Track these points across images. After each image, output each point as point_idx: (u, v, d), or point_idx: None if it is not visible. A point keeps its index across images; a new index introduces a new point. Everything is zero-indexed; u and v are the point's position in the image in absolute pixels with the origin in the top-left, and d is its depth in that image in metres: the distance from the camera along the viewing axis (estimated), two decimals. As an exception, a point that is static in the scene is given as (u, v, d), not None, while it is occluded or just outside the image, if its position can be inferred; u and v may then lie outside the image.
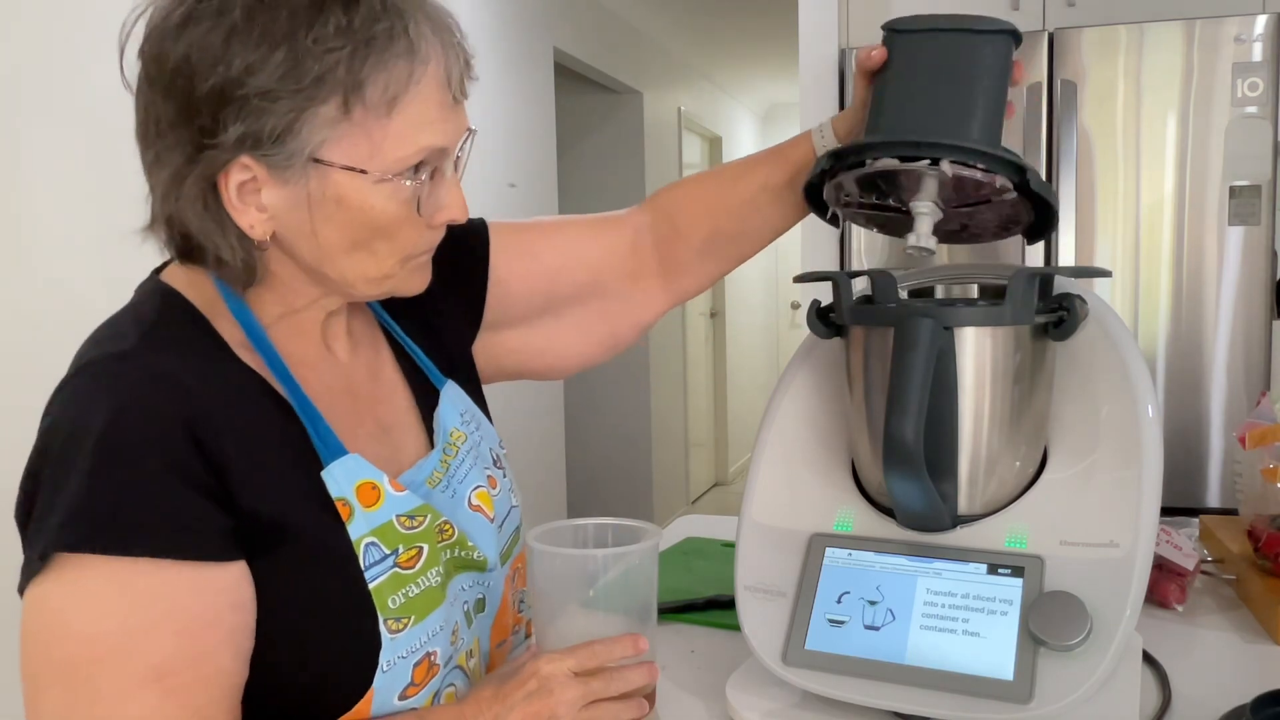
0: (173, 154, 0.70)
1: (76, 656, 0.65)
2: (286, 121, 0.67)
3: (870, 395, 0.82)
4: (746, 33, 5.01)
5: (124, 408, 0.67)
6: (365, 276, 0.75)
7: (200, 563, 0.67)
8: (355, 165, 0.70)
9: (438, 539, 0.79)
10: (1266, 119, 2.28)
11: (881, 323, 0.81)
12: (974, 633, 0.76)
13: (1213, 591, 1.13)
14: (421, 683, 0.77)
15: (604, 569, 0.82)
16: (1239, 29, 2.28)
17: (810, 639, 0.80)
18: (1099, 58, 2.37)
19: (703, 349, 5.92)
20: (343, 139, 0.69)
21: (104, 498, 0.65)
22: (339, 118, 0.68)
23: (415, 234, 0.75)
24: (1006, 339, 0.79)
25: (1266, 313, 2.33)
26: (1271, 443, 1.13)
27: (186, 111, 0.68)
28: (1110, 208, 2.40)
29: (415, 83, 0.70)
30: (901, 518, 0.82)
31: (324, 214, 0.71)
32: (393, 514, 0.76)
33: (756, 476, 0.90)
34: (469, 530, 0.83)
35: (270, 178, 0.70)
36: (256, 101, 0.66)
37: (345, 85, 0.67)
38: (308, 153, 0.69)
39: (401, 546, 0.76)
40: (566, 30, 3.98)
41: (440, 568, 0.79)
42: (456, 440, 0.87)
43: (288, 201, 0.71)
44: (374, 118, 0.69)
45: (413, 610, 0.75)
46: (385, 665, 0.74)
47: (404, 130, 0.70)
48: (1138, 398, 0.80)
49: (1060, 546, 0.78)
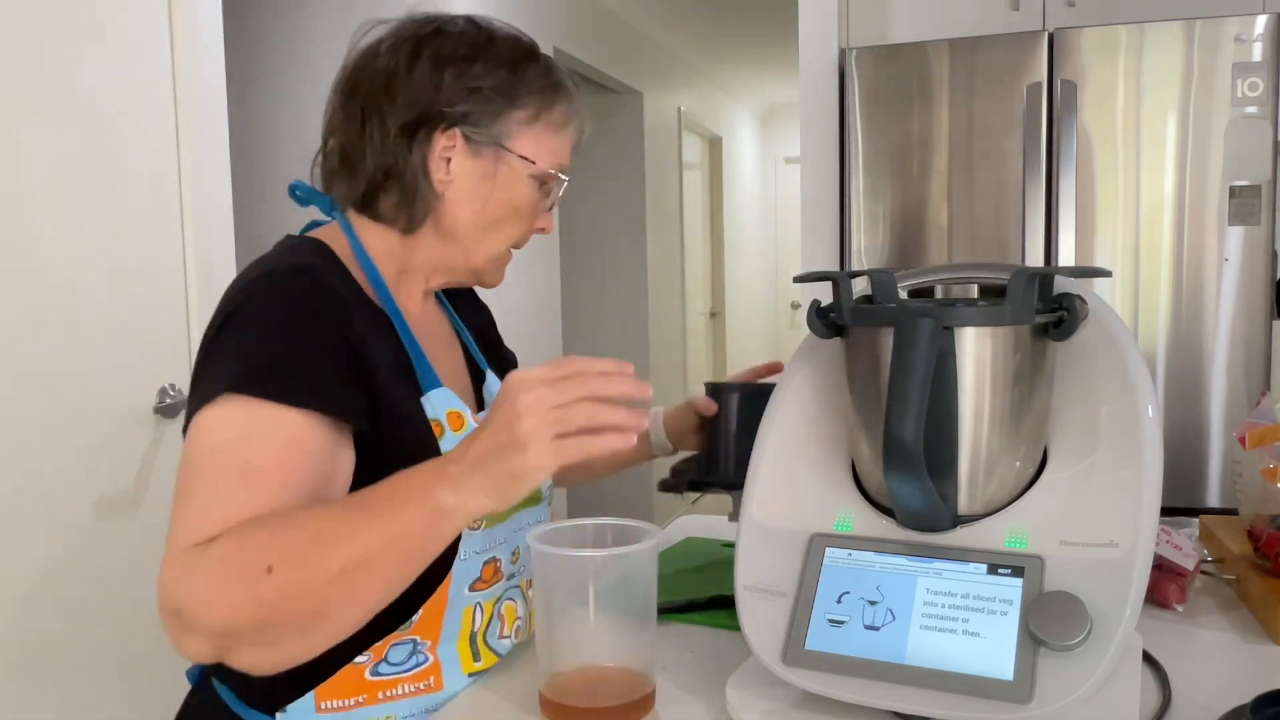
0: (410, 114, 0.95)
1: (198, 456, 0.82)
2: (494, 110, 0.96)
3: (870, 395, 0.82)
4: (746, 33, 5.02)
5: (299, 299, 0.87)
6: (486, 253, 1.01)
7: (324, 415, 0.84)
8: (527, 155, 0.99)
9: None
10: (1266, 119, 2.28)
11: (881, 323, 0.81)
12: (974, 633, 0.76)
13: (1213, 591, 1.13)
14: (489, 581, 0.97)
15: (604, 569, 0.82)
16: (1239, 29, 2.29)
17: (810, 639, 0.80)
18: (1099, 58, 2.37)
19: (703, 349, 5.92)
20: (523, 138, 0.98)
21: (272, 356, 0.83)
22: (528, 122, 0.99)
23: (526, 227, 1.03)
24: (1006, 339, 0.79)
25: (1266, 313, 2.33)
26: (1271, 443, 1.13)
27: (436, 90, 0.95)
28: (1110, 208, 2.40)
29: (569, 121, 1.02)
30: (901, 518, 0.82)
31: (489, 191, 0.98)
32: None
33: (756, 476, 0.90)
34: None
35: (466, 150, 0.96)
36: (485, 93, 0.96)
37: (538, 105, 0.99)
38: (499, 139, 0.97)
39: None
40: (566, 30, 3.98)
41: None
42: None
43: (473, 173, 0.97)
44: (547, 132, 1.00)
45: (485, 516, 0.88)
46: (463, 555, 0.93)
47: (556, 148, 1.01)
48: (1138, 398, 0.80)
49: (1060, 546, 0.78)
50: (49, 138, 1.65)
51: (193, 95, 1.94)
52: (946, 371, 0.78)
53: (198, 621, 0.75)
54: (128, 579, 1.77)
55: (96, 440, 1.71)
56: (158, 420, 1.83)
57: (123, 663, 1.76)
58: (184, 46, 1.92)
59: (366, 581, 0.77)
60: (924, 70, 2.52)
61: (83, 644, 1.69)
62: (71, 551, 1.67)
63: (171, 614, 0.76)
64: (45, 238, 1.64)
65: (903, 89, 2.54)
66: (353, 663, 0.90)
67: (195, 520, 0.79)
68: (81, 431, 1.68)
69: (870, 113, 2.57)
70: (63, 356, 1.65)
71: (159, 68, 1.88)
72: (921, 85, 2.52)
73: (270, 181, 2.92)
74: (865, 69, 2.56)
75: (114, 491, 1.74)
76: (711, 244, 6.13)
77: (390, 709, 0.92)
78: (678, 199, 5.34)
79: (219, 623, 0.75)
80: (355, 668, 0.90)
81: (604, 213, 4.84)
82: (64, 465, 1.64)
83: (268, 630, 0.76)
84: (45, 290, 1.64)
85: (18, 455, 1.58)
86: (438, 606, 0.92)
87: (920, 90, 2.53)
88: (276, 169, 3.03)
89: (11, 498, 1.57)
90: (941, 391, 0.78)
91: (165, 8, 1.89)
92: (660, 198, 5.05)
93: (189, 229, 1.93)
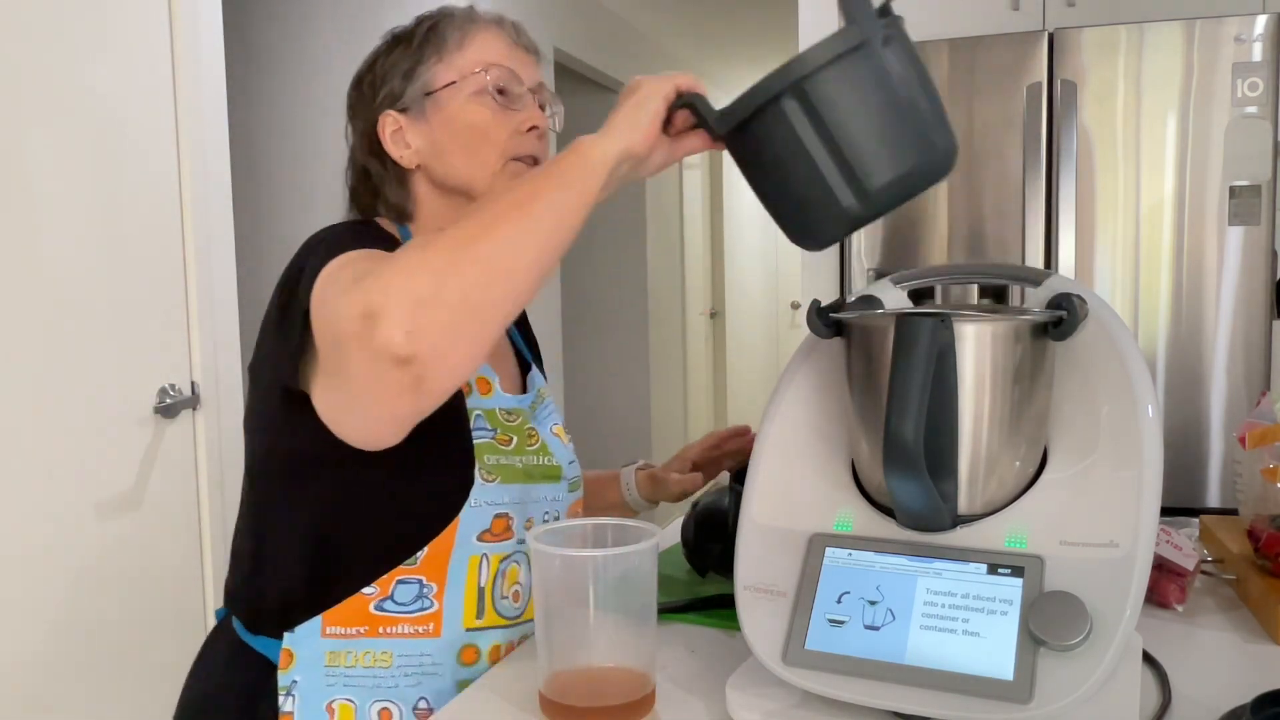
0: (361, 123, 1.08)
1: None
2: (406, 74, 1.04)
3: (870, 395, 0.83)
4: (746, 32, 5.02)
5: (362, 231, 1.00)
6: (480, 175, 1.03)
7: None
8: (448, 81, 1.03)
9: (525, 440, 1.05)
10: (1266, 119, 2.28)
11: (881, 322, 0.81)
12: (974, 633, 0.76)
13: (1213, 591, 1.13)
14: (499, 534, 1.01)
15: (604, 569, 0.82)
16: (1239, 29, 2.28)
17: (810, 639, 0.80)
18: (1099, 58, 2.37)
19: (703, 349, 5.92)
20: (441, 72, 1.04)
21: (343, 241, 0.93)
22: (437, 60, 1.04)
23: (505, 136, 1.03)
24: (1006, 339, 0.79)
25: (1266, 313, 2.33)
26: (1271, 443, 1.13)
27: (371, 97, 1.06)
28: (1110, 208, 2.40)
29: (470, 30, 1.05)
30: (901, 518, 0.82)
31: (444, 134, 1.03)
32: (497, 405, 1.03)
33: (756, 476, 0.90)
34: (550, 444, 1.09)
35: (408, 121, 1.04)
36: (396, 71, 1.05)
37: (436, 41, 1.04)
38: (424, 90, 1.03)
39: (499, 429, 1.02)
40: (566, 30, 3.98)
41: (523, 459, 1.04)
42: (544, 395, 1.16)
43: (425, 136, 1.04)
44: (456, 52, 1.04)
45: (499, 473, 1.01)
46: (473, 501, 0.98)
47: (474, 55, 1.04)
48: (1138, 398, 0.80)
49: (1060, 546, 0.78)
50: (49, 138, 1.65)
51: (193, 95, 1.94)
52: (946, 371, 0.78)
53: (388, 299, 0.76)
54: (128, 579, 1.77)
55: (96, 440, 1.71)
56: (158, 420, 1.83)
57: (123, 662, 1.76)
58: (184, 46, 1.92)
59: (538, 209, 0.81)
60: (924, 70, 2.52)
61: (83, 644, 1.69)
62: (71, 551, 1.67)
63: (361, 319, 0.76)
64: (46, 238, 1.64)
65: (903, 89, 2.54)
66: (361, 593, 0.96)
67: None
68: (81, 431, 1.68)
69: (870, 113, 2.56)
70: (63, 356, 1.65)
71: (159, 68, 1.88)
72: (921, 85, 2.52)
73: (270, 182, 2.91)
74: (865, 69, 2.55)
75: (114, 491, 1.74)
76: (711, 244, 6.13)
77: (388, 645, 0.96)
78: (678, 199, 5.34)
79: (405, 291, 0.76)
80: (363, 598, 0.96)
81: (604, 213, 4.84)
82: (64, 465, 1.64)
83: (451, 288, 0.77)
84: (45, 290, 1.64)
85: (18, 455, 1.58)
86: (444, 548, 0.97)
87: (920, 90, 2.52)
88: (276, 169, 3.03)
89: (11, 498, 1.57)
90: (941, 391, 0.78)
91: (165, 8, 1.89)
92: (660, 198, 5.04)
93: (189, 229, 1.93)
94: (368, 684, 0.96)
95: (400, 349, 0.75)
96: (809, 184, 0.82)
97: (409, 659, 0.97)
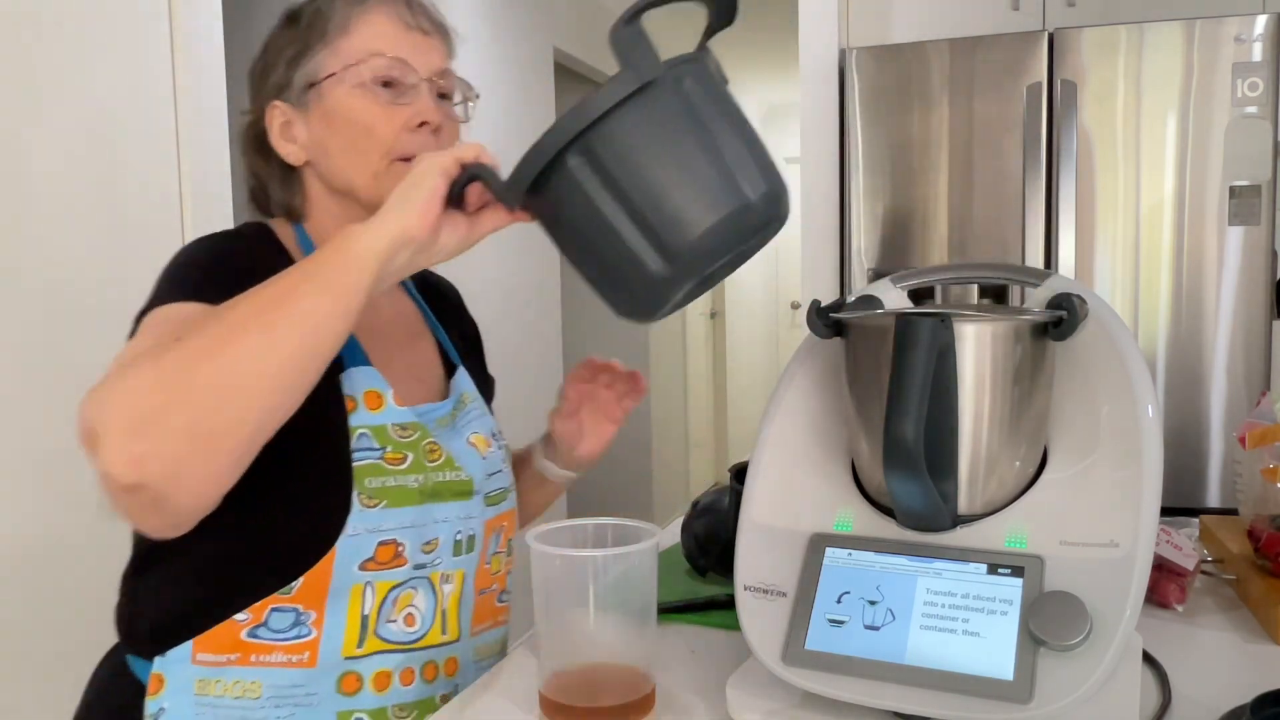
0: (250, 114, 1.01)
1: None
2: (291, 62, 0.96)
3: (870, 395, 0.83)
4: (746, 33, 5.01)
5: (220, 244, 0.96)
6: (363, 174, 0.95)
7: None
8: (331, 71, 0.95)
9: (425, 456, 0.96)
10: (1266, 119, 2.28)
11: (881, 322, 0.81)
12: (974, 633, 0.76)
13: (1213, 591, 1.13)
14: (386, 562, 0.93)
15: (604, 569, 0.82)
16: (1239, 29, 2.28)
17: (810, 639, 0.80)
18: (1099, 58, 2.37)
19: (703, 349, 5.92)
20: (324, 60, 0.95)
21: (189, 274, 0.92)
22: (320, 47, 0.95)
23: (391, 132, 0.94)
24: (1006, 339, 0.79)
25: (1266, 313, 2.33)
26: (1271, 443, 1.13)
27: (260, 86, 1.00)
28: (1110, 208, 2.40)
29: (362, 9, 0.96)
30: (901, 518, 0.82)
31: (326, 130, 0.96)
32: (389, 421, 0.94)
33: (756, 476, 0.90)
34: (458, 454, 1.00)
35: (295, 114, 0.97)
36: (280, 61, 0.97)
37: (320, 26, 0.96)
38: (309, 80, 0.96)
39: (390, 447, 0.93)
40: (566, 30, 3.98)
41: (422, 477, 0.95)
42: (467, 400, 1.07)
43: (312, 126, 0.96)
44: (340, 38, 0.95)
45: (385, 496, 0.92)
46: (352, 530, 0.91)
47: (360, 41, 0.95)
48: (1138, 398, 0.80)
49: (1060, 546, 0.78)
50: (49, 139, 1.65)
51: (193, 95, 1.94)
52: (946, 371, 0.78)
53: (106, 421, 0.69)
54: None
55: (96, 440, 1.71)
56: (158, 420, 1.83)
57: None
58: (184, 47, 1.92)
59: (282, 319, 0.73)
60: (924, 70, 2.52)
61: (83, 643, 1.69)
62: (70, 551, 1.67)
63: (87, 437, 0.70)
64: (46, 238, 1.64)
65: (903, 89, 2.54)
66: (233, 619, 0.90)
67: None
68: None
69: (870, 113, 2.57)
70: (62, 356, 1.65)
71: (159, 68, 1.88)
72: (921, 85, 2.52)
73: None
74: (865, 69, 2.56)
75: (114, 491, 1.74)
76: (711, 244, 6.11)
77: (258, 674, 0.90)
78: (678, 199, 5.32)
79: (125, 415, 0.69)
80: (235, 624, 0.90)
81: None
82: (63, 465, 1.64)
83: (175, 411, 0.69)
84: (46, 290, 1.64)
85: (17, 455, 1.58)
86: (321, 577, 0.90)
87: (920, 90, 2.53)
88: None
89: (11, 498, 1.57)
90: (941, 391, 0.78)
91: (165, 8, 1.89)
92: (660, 198, 5.03)
93: (189, 229, 1.93)
94: (235, 715, 0.89)
95: (123, 477, 0.69)
96: (611, 249, 0.74)
97: (279, 689, 0.90)
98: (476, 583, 1.01)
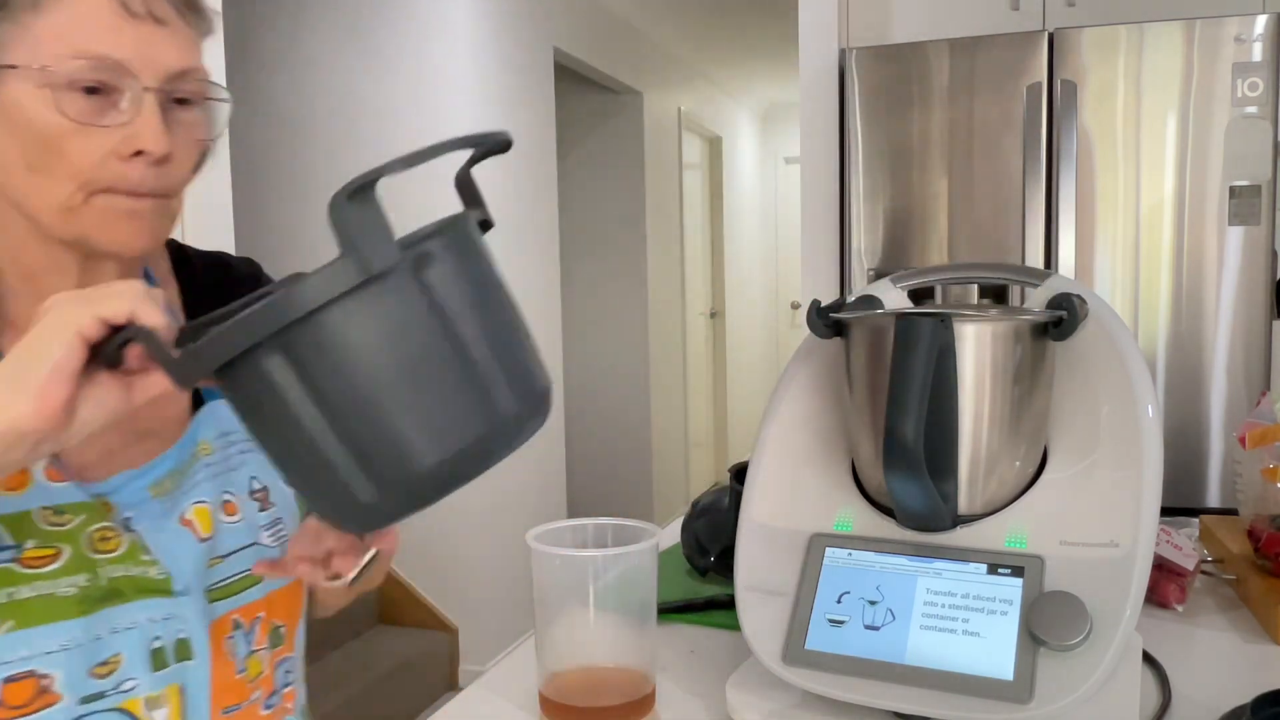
0: None
1: None
2: None
3: (870, 395, 0.83)
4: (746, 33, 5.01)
5: None
6: (47, 204, 0.69)
7: None
8: (15, 63, 0.66)
9: (92, 547, 0.72)
10: (1266, 119, 2.28)
11: (881, 322, 0.81)
12: (974, 632, 0.77)
13: (1213, 591, 1.13)
14: (22, 707, 0.68)
15: (604, 569, 0.82)
16: (1239, 29, 2.28)
17: (810, 639, 0.80)
18: (1099, 58, 2.37)
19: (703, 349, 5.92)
20: (6, 43, 0.67)
21: None
22: (4, 22, 0.66)
23: (92, 157, 0.68)
24: (1007, 339, 0.79)
25: (1266, 313, 2.33)
26: (1271, 443, 1.13)
27: None
28: (1110, 208, 2.40)
29: None
30: (901, 518, 0.82)
31: (7, 133, 0.68)
32: (37, 504, 0.70)
33: (756, 476, 0.90)
34: (156, 540, 0.74)
35: None
36: None
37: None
38: None
39: (34, 542, 0.69)
40: (566, 30, 3.98)
41: (85, 577, 0.71)
42: (201, 453, 0.80)
43: None
44: (26, 12, 0.66)
45: (12, 615, 0.67)
46: None
47: (57, 27, 0.66)
48: (1138, 398, 0.80)
49: (1060, 546, 0.78)
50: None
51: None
52: (946, 371, 0.78)
53: None
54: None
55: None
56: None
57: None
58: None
59: None
60: (924, 70, 2.52)
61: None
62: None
63: None
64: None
65: (902, 89, 2.54)
66: None
67: None
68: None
69: (870, 113, 2.56)
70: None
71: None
72: (921, 85, 2.52)
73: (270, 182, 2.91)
74: (865, 69, 2.56)
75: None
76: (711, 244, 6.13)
77: None
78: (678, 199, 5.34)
79: None
80: None
81: (604, 213, 4.84)
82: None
83: None
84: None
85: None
86: None
87: (920, 90, 2.52)
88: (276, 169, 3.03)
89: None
90: (941, 391, 0.78)
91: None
92: (660, 198, 5.05)
93: (189, 229, 1.93)
94: None
95: None
96: (312, 468, 0.57)
97: None
98: (217, 699, 0.77)
